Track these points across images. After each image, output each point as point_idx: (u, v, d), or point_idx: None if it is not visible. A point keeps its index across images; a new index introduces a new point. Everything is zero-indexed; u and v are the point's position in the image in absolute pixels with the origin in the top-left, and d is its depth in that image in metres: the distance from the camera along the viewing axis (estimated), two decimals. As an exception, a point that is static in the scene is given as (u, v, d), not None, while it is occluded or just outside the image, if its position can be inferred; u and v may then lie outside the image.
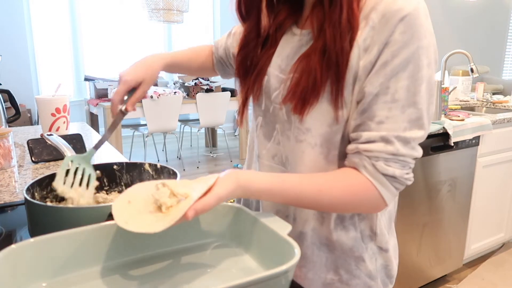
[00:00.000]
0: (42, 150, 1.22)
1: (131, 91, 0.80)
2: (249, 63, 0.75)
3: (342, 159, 0.67)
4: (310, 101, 0.64)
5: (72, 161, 0.75)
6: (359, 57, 0.61)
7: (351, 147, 0.63)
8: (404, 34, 0.58)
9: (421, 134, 0.61)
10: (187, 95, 4.19)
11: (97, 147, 0.77)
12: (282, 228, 0.58)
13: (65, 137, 0.90)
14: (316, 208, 0.64)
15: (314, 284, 0.74)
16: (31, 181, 0.73)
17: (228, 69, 0.95)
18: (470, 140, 2.06)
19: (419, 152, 0.62)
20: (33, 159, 1.21)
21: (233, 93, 4.27)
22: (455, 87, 2.77)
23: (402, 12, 0.57)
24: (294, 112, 0.66)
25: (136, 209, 0.57)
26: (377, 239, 0.72)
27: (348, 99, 0.63)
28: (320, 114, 0.65)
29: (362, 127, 0.62)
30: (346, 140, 0.66)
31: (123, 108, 0.78)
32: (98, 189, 0.85)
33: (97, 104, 3.66)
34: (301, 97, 0.64)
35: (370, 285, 0.73)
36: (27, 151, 1.26)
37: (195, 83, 4.16)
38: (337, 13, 0.60)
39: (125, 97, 0.80)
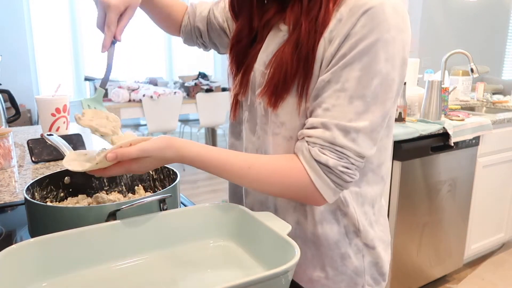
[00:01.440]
0: (42, 150, 1.22)
1: None
2: (240, 61, 0.76)
3: None
4: (281, 95, 0.65)
5: (89, 106, 0.73)
6: (324, 49, 0.62)
7: (299, 132, 0.64)
8: (364, 27, 0.58)
9: (363, 126, 0.59)
10: (187, 95, 4.19)
11: (103, 85, 0.76)
12: (282, 228, 0.58)
13: (65, 137, 0.90)
14: (243, 183, 0.65)
15: (300, 281, 0.74)
16: (31, 181, 0.73)
17: (197, 39, 0.91)
18: (470, 140, 2.06)
19: (362, 147, 0.60)
20: (33, 159, 1.21)
21: (233, 93, 4.26)
22: (455, 87, 2.77)
23: (366, 6, 0.58)
24: (268, 106, 0.67)
25: (85, 158, 0.64)
26: (362, 235, 0.72)
27: None
28: (292, 107, 0.65)
29: (312, 113, 0.62)
30: None
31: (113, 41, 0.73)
32: (98, 189, 0.85)
33: (97, 104, 3.66)
34: (274, 91, 0.65)
35: (357, 281, 0.73)
36: (27, 151, 1.26)
37: (195, 83, 4.16)
38: (316, 10, 0.61)
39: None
